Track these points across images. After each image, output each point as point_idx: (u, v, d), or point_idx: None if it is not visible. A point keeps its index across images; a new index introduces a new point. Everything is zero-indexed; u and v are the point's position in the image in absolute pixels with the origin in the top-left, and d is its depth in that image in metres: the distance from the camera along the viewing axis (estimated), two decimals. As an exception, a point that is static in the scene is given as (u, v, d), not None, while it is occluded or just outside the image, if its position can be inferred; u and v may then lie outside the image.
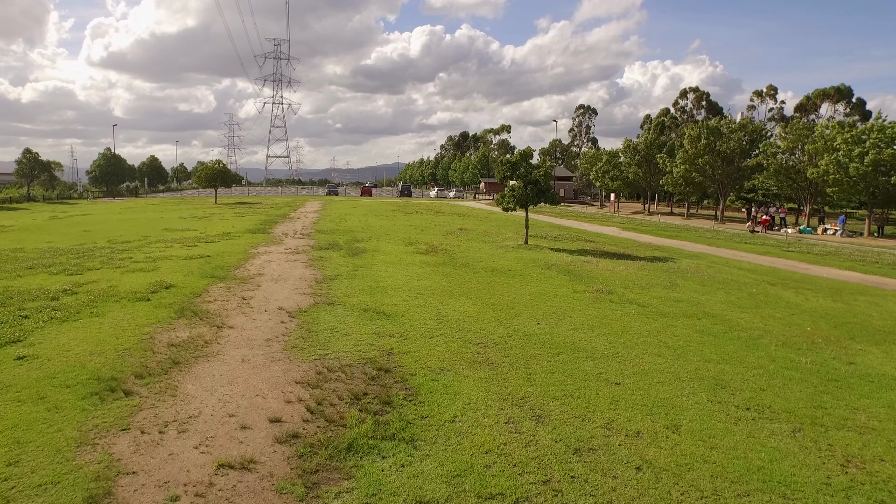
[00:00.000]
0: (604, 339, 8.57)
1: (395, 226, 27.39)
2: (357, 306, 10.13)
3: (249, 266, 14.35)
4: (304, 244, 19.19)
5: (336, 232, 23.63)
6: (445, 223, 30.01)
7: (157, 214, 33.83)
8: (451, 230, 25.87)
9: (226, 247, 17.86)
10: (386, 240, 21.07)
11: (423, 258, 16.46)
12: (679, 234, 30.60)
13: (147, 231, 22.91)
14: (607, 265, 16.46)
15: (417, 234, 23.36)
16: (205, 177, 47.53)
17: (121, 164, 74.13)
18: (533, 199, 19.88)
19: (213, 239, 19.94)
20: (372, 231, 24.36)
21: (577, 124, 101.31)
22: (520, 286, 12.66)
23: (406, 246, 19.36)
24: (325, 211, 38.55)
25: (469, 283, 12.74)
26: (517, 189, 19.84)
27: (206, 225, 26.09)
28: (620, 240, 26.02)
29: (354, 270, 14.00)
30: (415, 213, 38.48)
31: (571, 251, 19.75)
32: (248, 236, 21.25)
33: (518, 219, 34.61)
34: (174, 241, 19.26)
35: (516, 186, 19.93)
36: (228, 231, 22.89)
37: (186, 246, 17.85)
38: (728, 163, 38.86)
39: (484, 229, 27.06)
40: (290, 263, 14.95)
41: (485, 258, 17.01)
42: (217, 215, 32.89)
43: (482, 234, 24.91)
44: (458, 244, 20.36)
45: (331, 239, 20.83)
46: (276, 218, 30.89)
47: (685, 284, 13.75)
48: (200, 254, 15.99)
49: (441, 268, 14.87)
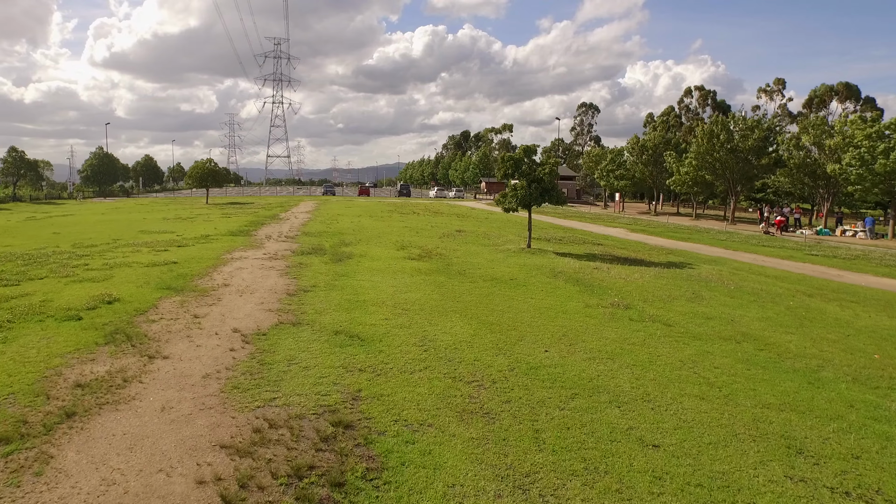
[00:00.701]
0: (628, 372, 6.88)
1: (388, 227, 25.71)
2: (328, 327, 8.45)
3: (217, 275, 12.68)
4: (285, 248, 17.52)
5: (324, 234, 21.96)
6: (443, 224, 28.32)
7: (141, 215, 32.20)
8: (448, 232, 24.19)
9: (198, 251, 16.19)
10: (376, 243, 19.39)
11: (415, 265, 14.78)
12: (691, 235, 28.89)
13: (120, 233, 21.26)
14: (620, 272, 14.77)
15: (411, 237, 21.68)
16: (195, 176, 45.91)
17: (114, 163, 72.55)
18: (536, 198, 18.19)
19: (187, 242, 18.27)
20: (363, 233, 22.68)
21: (580, 122, 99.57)
22: (523, 299, 10.97)
23: (397, 250, 17.68)
24: (317, 211, 36.89)
25: (464, 296, 11.05)
26: (520, 188, 18.15)
27: (187, 227, 24.43)
28: (630, 242, 24.31)
29: (334, 280, 12.32)
30: (412, 213, 36.80)
31: (579, 256, 18.05)
32: (228, 239, 19.59)
33: (520, 220, 32.89)
34: (144, 244, 17.60)
35: (519, 185, 18.23)
36: (208, 234, 21.22)
37: (155, 251, 16.20)
38: (742, 160, 37.11)
39: (483, 231, 25.38)
40: (263, 271, 13.27)
41: (483, 264, 15.32)
42: (203, 216, 31.24)
43: (481, 236, 23.22)
44: (454, 248, 18.68)
45: (316, 242, 19.16)
46: (264, 219, 29.23)
47: (711, 296, 12.05)
48: (167, 260, 14.32)
49: (434, 276, 13.19)
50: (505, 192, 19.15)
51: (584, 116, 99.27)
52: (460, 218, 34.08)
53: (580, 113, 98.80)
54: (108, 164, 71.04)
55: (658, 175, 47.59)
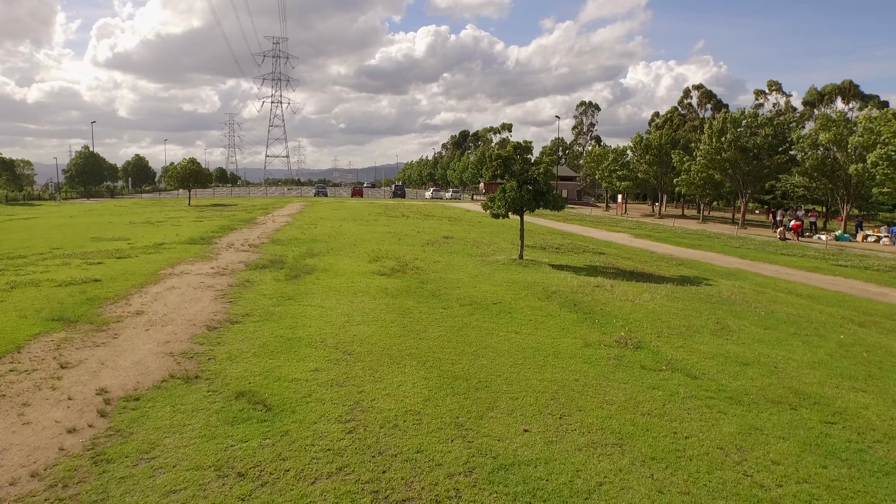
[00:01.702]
0: (645, 474, 4.61)
1: (370, 233, 23.44)
2: (231, 385, 6.20)
3: (136, 298, 10.41)
4: (240, 260, 15.25)
5: (294, 242, 19.68)
6: (431, 229, 26.05)
7: (109, 218, 29.98)
8: (434, 239, 21.91)
9: (136, 265, 13.93)
10: (348, 253, 17.12)
11: (383, 283, 12.51)
12: (701, 242, 26.58)
13: (67, 241, 19.02)
14: (625, 291, 12.49)
15: (391, 246, 19.41)
16: (176, 177, 43.69)
17: (100, 163, 70.34)
18: (529, 202, 15.91)
19: (132, 253, 16.02)
20: (339, 240, 20.41)
21: (580, 122, 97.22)
22: (504, 335, 8.69)
23: (369, 262, 15.41)
24: (300, 214, 34.63)
25: (430, 330, 8.78)
26: (510, 191, 15.87)
27: (148, 232, 22.19)
28: (635, 251, 22.02)
29: (276, 305, 10.05)
30: (401, 216, 34.53)
31: (578, 269, 15.77)
32: (182, 248, 17.32)
33: (516, 225, 30.56)
34: (81, 255, 15.35)
35: (508, 188, 15.95)
36: (164, 241, 18.96)
37: (88, 263, 13.95)
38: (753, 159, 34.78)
39: (473, 238, 23.10)
40: (197, 293, 11.00)
41: (465, 282, 13.05)
42: (174, 220, 29.00)
43: (470, 244, 20.94)
44: (435, 259, 16.40)
45: (280, 252, 16.88)
46: (237, 223, 26.96)
47: (740, 327, 9.77)
48: (89, 277, 12.06)
49: (400, 299, 10.91)
50: (494, 196, 16.88)
51: (584, 115, 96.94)
52: (452, 222, 31.80)
53: (581, 112, 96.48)
54: (94, 164, 68.82)
55: (663, 175, 45.22)
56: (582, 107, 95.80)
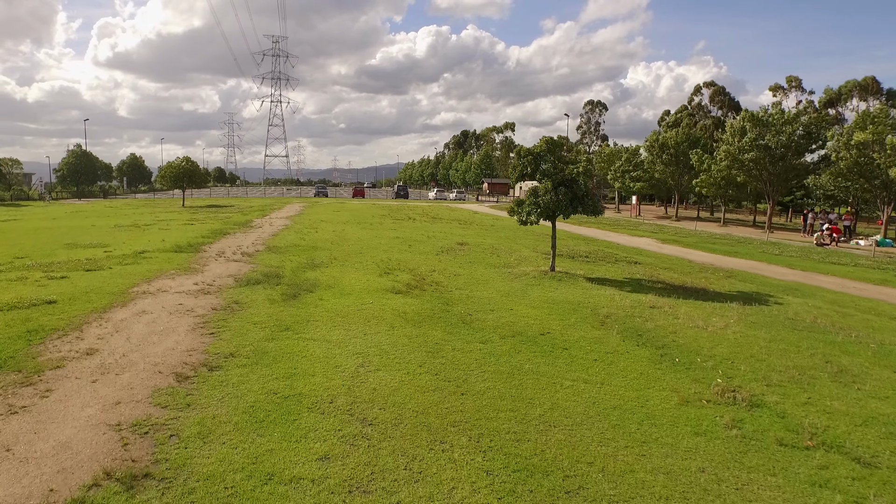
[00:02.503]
0: None
1: (376, 239, 21.31)
2: (194, 496, 4.07)
3: (93, 329, 8.28)
4: (230, 273, 13.12)
5: (293, 250, 17.55)
6: (442, 234, 23.94)
7: (94, 221, 27.82)
8: (447, 246, 19.80)
9: (104, 280, 11.79)
10: (354, 264, 15.00)
11: (400, 304, 10.39)
12: (734, 248, 24.47)
13: (36, 248, 16.87)
14: (690, 314, 10.38)
15: (401, 254, 17.29)
16: (169, 177, 41.50)
17: (93, 161, 68.12)
18: (565, 207, 13.79)
19: (104, 264, 13.88)
20: (342, 248, 18.28)
21: (586, 121, 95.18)
22: (570, 385, 6.58)
23: (380, 276, 13.30)
24: (300, 217, 32.49)
25: (473, 378, 6.67)
26: (542, 193, 13.75)
27: (132, 238, 20.05)
28: (671, 259, 19.92)
29: (270, 339, 7.93)
30: (407, 219, 32.41)
31: (620, 284, 13.66)
32: (165, 258, 15.19)
33: (533, 229, 28.44)
34: (45, 266, 13.22)
35: (541, 189, 13.82)
36: (146, 249, 16.82)
37: (48, 278, 11.82)
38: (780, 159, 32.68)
39: (490, 244, 20.98)
40: (171, 320, 8.88)
41: (496, 302, 10.94)
42: (164, 223, 26.86)
43: (488, 251, 18.83)
44: (455, 272, 14.29)
45: (277, 263, 14.76)
46: (231, 227, 24.82)
47: (862, 368, 7.66)
48: (42, 297, 9.92)
49: (425, 328, 8.80)
50: (522, 199, 14.77)
51: (591, 114, 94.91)
52: (462, 225, 29.69)
53: (587, 111, 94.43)
54: (86, 163, 66.57)
55: (680, 176, 43.10)
56: (589, 106, 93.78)
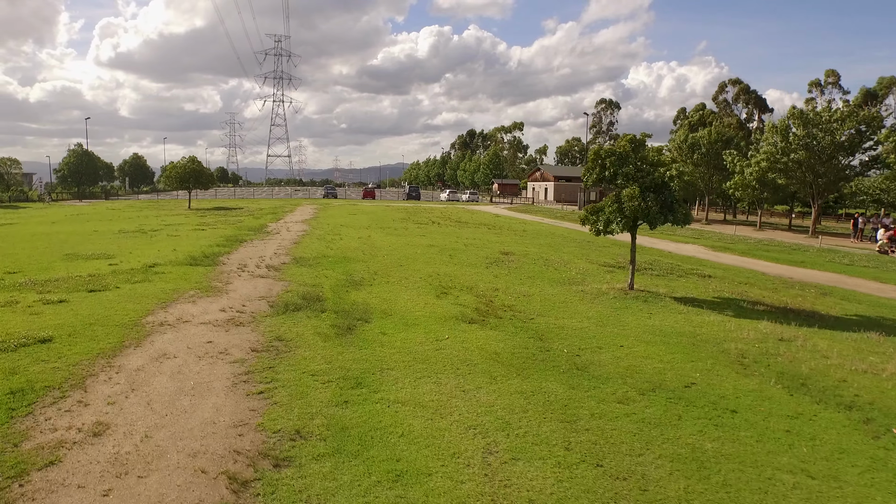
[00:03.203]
0: None
1: (409, 247, 19.21)
2: None
3: (100, 386, 6.19)
4: (261, 294, 11.02)
5: (323, 261, 15.44)
6: (478, 241, 21.84)
7: (96, 225, 25.73)
8: (491, 256, 17.71)
9: (111, 305, 9.70)
10: (400, 280, 12.91)
11: (481, 338, 8.30)
12: (793, 256, 22.33)
13: (32, 259, 14.79)
14: (838, 352, 8.29)
15: (445, 266, 15.20)
16: (175, 177, 39.37)
17: (94, 161, 66.01)
18: (655, 216, 11.69)
19: (111, 282, 11.80)
20: (378, 259, 16.18)
21: (598, 120, 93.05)
22: (790, 480, 4.48)
23: (437, 296, 11.21)
24: (316, 221, 30.39)
25: (653, 473, 4.57)
26: (629, 200, 11.63)
27: (139, 247, 17.96)
28: (738, 270, 17.78)
29: (344, 401, 5.84)
30: (430, 223, 30.31)
31: (714, 305, 11.57)
32: (179, 273, 13.10)
33: (569, 234, 26.30)
34: (41, 284, 11.15)
35: (626, 195, 11.70)
36: (157, 262, 14.73)
37: (43, 302, 9.74)
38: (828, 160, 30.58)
39: (537, 253, 18.88)
40: (202, 368, 6.78)
41: (596, 335, 8.85)
42: (172, 228, 24.77)
43: (540, 262, 16.74)
44: (522, 291, 12.20)
45: (311, 279, 12.66)
46: (246, 233, 22.72)
47: None
48: (35, 332, 7.83)
49: (534, 378, 6.71)
50: (598, 206, 12.67)
51: (603, 114, 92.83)
52: (493, 230, 27.59)
53: (599, 110, 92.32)
54: (87, 163, 64.45)
55: (710, 177, 40.98)
56: (601, 105, 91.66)
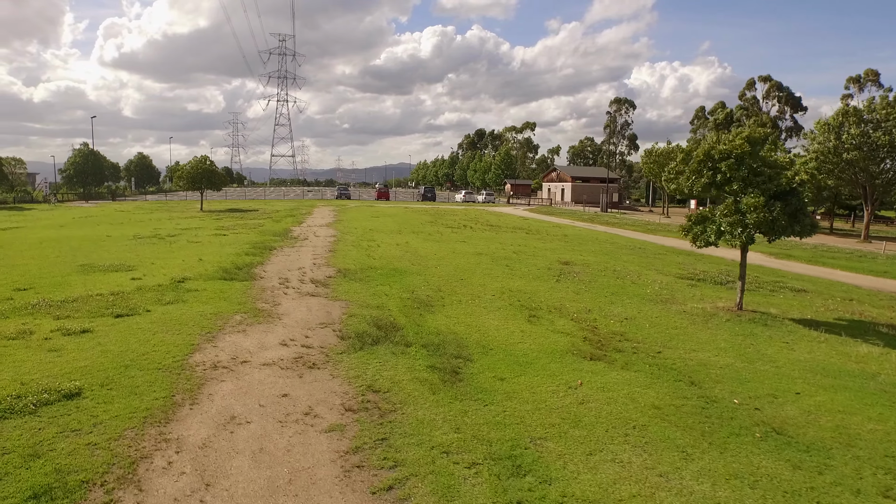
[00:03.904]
0: None
1: (456, 255, 17.36)
2: None
3: (157, 473, 4.36)
4: (320, 319, 9.19)
5: (372, 274, 13.60)
6: (525, 248, 19.99)
7: (108, 230, 23.95)
8: (551, 266, 15.88)
9: (146, 338, 7.88)
10: (472, 298, 11.08)
11: (620, 382, 6.47)
12: (864, 264, 20.41)
13: (43, 272, 12.99)
14: None
15: (512, 279, 13.37)
16: (188, 177, 37.58)
17: (100, 161, 64.19)
18: (781, 226, 9.86)
19: (139, 303, 9.99)
20: (431, 271, 14.34)
21: (612, 119, 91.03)
22: None
23: (528, 322, 9.40)
24: (341, 224, 28.56)
25: None
26: (749, 208, 9.80)
27: (160, 256, 16.15)
28: (828, 283, 15.89)
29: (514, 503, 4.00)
30: (462, 227, 28.45)
31: (846, 328, 9.74)
32: (215, 291, 11.27)
33: (614, 238, 24.33)
34: (56, 307, 9.36)
35: (748, 204, 9.87)
36: (185, 275, 12.92)
37: (63, 332, 7.94)
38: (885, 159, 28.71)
39: (597, 263, 17.04)
40: (292, 441, 4.97)
41: (751, 377, 7.06)
42: (190, 232, 22.97)
43: (610, 274, 14.92)
44: (616, 312, 10.37)
45: (369, 297, 10.83)
46: (272, 239, 20.90)
47: None
48: (56, 382, 6.05)
49: (738, 454, 4.89)
50: (703, 215, 10.87)
51: (617, 113, 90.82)
52: (531, 235, 25.73)
53: (615, 110, 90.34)
54: (93, 163, 62.62)
55: (748, 179, 39.00)
56: (616, 104, 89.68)
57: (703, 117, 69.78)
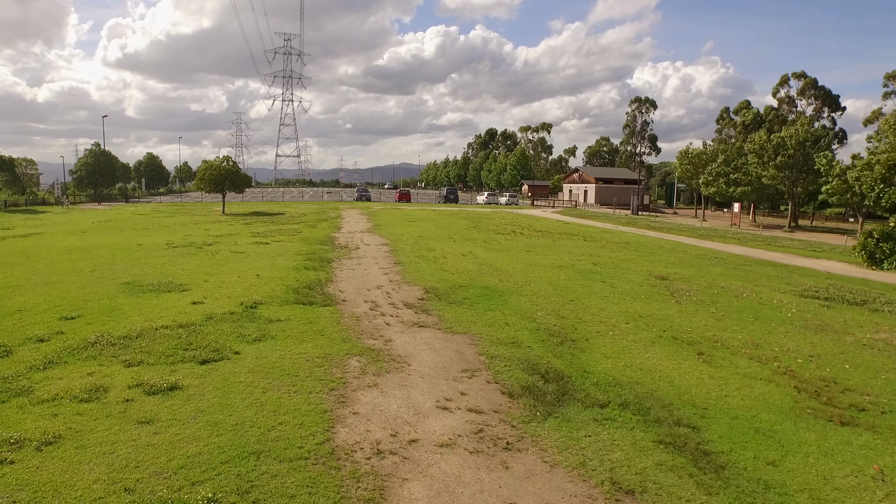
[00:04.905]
0: None
1: (535, 268, 15.49)
2: None
3: None
4: (460, 367, 7.35)
5: (465, 293, 11.74)
6: (600, 259, 18.13)
7: (136, 236, 22.15)
8: (647, 280, 14.04)
9: (254, 396, 6.07)
10: (605, 325, 9.24)
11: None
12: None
13: (84, 292, 11.16)
14: None
15: (625, 301, 11.51)
16: (209, 179, 35.78)
17: (112, 162, 62.42)
18: None
19: (218, 340, 8.18)
20: (527, 289, 12.47)
21: (633, 119, 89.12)
22: None
23: (702, 362, 7.55)
24: (382, 230, 26.72)
25: None
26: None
27: (209, 269, 14.34)
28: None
29: None
30: (510, 233, 26.61)
31: None
32: (299, 319, 9.44)
33: (678, 246, 22.31)
34: (119, 346, 7.55)
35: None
36: (251, 296, 11.10)
37: (145, 391, 6.14)
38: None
39: (693, 277, 15.18)
40: None
41: None
42: (226, 239, 21.17)
43: (724, 292, 13.06)
44: (790, 346, 8.51)
45: (492, 329, 8.99)
46: (320, 249, 19.06)
47: None
48: (177, 490, 4.18)
49: None
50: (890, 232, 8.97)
51: (637, 113, 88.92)
52: (592, 242, 23.88)
53: (634, 109, 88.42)
54: (105, 164, 60.84)
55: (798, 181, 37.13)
56: (636, 103, 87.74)
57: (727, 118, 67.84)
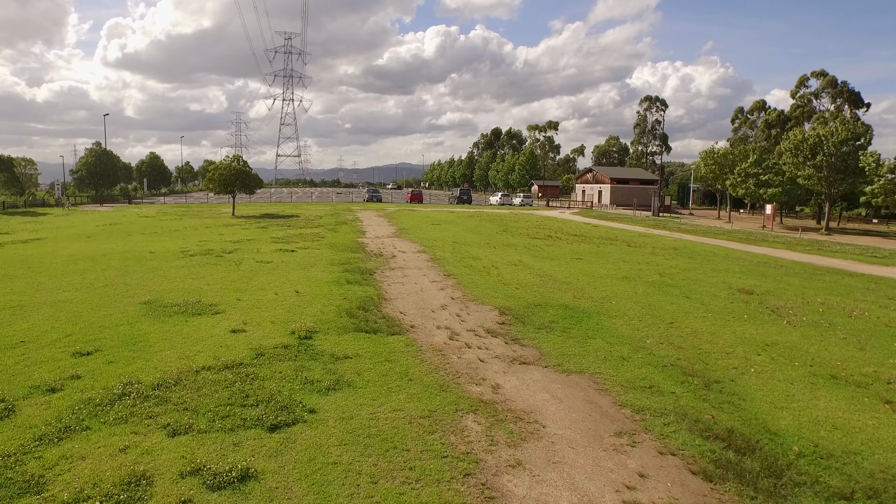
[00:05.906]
0: None
1: (601, 280, 13.77)
2: None
3: None
4: (598, 424, 5.62)
5: (546, 315, 10.01)
6: (666, 270, 16.39)
7: (147, 242, 20.38)
8: (731, 295, 12.31)
9: (365, 483, 4.33)
10: (734, 357, 7.53)
11: None
12: None
13: (99, 315, 9.41)
14: None
15: (731, 323, 9.79)
16: (219, 179, 33.96)
17: (113, 161, 60.61)
18: None
19: (283, 392, 6.46)
20: (611, 307, 10.74)
21: (643, 119, 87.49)
22: None
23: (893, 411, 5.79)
24: (410, 234, 24.95)
25: None
26: None
27: (238, 282, 12.60)
28: None
29: None
30: (545, 237, 24.88)
31: None
32: (373, 356, 7.70)
33: (718, 251, 20.47)
34: (154, 399, 5.84)
35: None
36: (301, 321, 9.36)
37: (208, 486, 4.35)
38: None
39: (780, 290, 13.46)
40: None
41: None
42: (245, 246, 19.41)
43: (830, 310, 11.36)
44: None
45: (618, 371, 7.28)
46: (353, 257, 17.30)
47: None
48: None
49: None
50: None
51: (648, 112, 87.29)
52: (634, 247, 22.14)
53: (645, 108, 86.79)
54: (106, 163, 59.04)
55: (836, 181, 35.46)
56: (646, 102, 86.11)
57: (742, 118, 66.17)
